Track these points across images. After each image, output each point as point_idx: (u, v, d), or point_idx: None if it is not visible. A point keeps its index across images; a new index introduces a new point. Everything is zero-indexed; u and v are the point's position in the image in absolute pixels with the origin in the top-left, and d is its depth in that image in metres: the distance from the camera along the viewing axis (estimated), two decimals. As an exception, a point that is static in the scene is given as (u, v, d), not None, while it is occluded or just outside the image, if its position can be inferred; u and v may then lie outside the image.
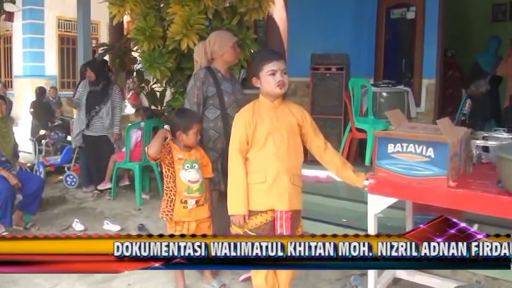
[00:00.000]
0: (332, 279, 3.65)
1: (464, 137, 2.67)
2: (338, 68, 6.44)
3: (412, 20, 7.52)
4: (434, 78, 7.19)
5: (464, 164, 2.69)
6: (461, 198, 2.42)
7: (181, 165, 3.25)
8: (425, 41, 7.29)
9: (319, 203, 4.95)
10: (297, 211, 2.82)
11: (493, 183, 2.46)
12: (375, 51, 7.74)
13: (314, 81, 6.63)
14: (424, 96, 7.29)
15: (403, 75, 7.73)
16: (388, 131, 2.68)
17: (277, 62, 2.71)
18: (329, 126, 6.45)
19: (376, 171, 2.64)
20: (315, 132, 2.87)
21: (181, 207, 3.26)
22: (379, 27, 7.74)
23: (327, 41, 7.07)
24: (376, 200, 2.69)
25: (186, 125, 3.26)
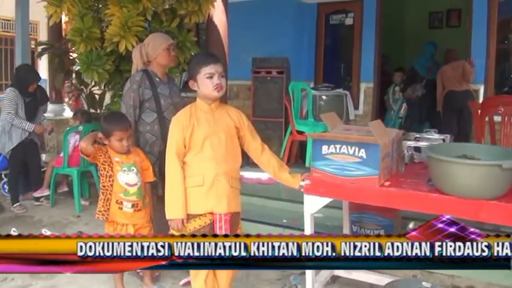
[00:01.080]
0: (272, 279, 3.69)
1: (396, 138, 2.77)
2: (279, 71, 6.53)
3: (351, 25, 7.74)
4: (371, 82, 7.42)
5: (396, 163, 2.79)
6: (393, 196, 2.50)
7: (119, 167, 3.21)
8: (363, 46, 7.52)
9: (260, 205, 5.00)
10: (236, 213, 2.84)
11: (423, 182, 2.56)
12: (315, 56, 7.90)
13: (255, 85, 6.70)
14: (362, 99, 7.51)
15: (342, 79, 7.94)
16: (322, 133, 2.75)
17: (214, 65, 2.72)
18: (270, 129, 6.53)
19: (312, 172, 2.70)
20: (252, 134, 2.90)
21: (116, 207, 3.22)
22: (319, 32, 7.92)
23: (268, 45, 7.16)
24: (311, 200, 2.74)
25: (107, 131, 3.21)
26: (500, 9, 6.93)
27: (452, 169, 2.28)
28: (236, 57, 6.61)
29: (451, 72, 6.61)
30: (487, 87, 6.87)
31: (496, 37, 6.95)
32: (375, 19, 7.45)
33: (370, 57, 7.17)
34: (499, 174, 2.20)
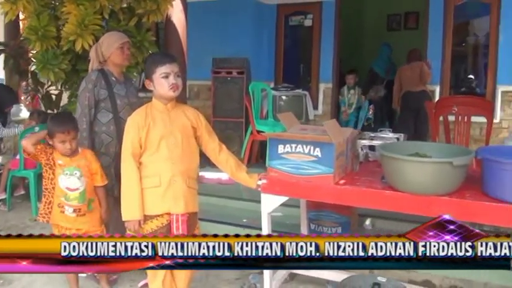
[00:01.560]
0: (231, 278, 3.70)
1: (351, 137, 2.82)
2: (239, 71, 6.54)
3: (310, 27, 7.80)
4: (330, 83, 7.51)
5: (351, 162, 2.84)
6: (347, 194, 2.55)
7: (61, 171, 3.13)
8: (322, 47, 7.60)
9: (221, 205, 5.01)
10: (193, 213, 2.83)
11: (377, 180, 2.61)
12: (274, 56, 7.94)
13: (215, 85, 6.69)
14: (321, 99, 7.59)
15: (302, 80, 8.01)
16: (278, 133, 2.78)
17: (170, 64, 2.71)
18: (231, 129, 6.54)
19: (268, 171, 2.72)
20: (209, 134, 2.90)
21: (58, 211, 3.16)
22: (278, 33, 7.96)
23: (228, 45, 7.15)
24: (268, 199, 2.77)
25: (51, 132, 3.15)
26: (456, 13, 7.13)
27: (404, 167, 2.34)
28: (196, 57, 6.59)
29: (409, 73, 6.73)
30: (442, 88, 7.05)
31: (451, 40, 7.14)
32: (334, 21, 7.54)
33: (329, 58, 7.26)
34: (450, 171, 2.27)
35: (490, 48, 6.99)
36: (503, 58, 6.54)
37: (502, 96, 6.64)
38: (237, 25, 7.37)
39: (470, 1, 7.13)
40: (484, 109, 4.65)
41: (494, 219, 2.35)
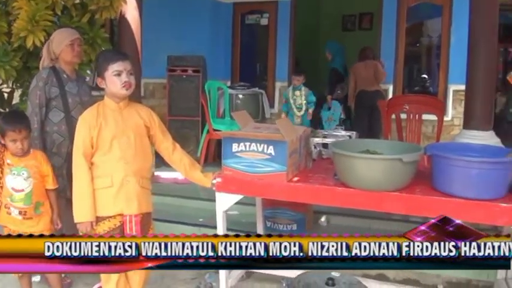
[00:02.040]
0: (187, 278, 3.68)
1: (304, 135, 2.85)
2: (194, 70, 6.48)
3: (266, 26, 7.83)
4: (286, 81, 7.55)
5: (304, 160, 2.87)
6: (300, 191, 2.58)
7: (9, 170, 3.03)
8: (278, 46, 7.64)
9: (177, 205, 4.97)
10: (147, 214, 2.80)
11: (330, 177, 2.66)
12: (231, 55, 7.93)
13: (171, 83, 6.60)
14: (278, 98, 7.63)
15: (258, 78, 8.03)
16: (232, 132, 2.79)
17: (122, 62, 2.67)
18: (187, 128, 6.48)
19: (223, 170, 2.72)
20: (163, 133, 2.87)
21: (5, 212, 3.06)
22: (235, 31, 7.95)
23: (184, 43, 7.07)
24: (223, 197, 2.77)
25: (2, 131, 3.04)
26: (409, 14, 7.30)
27: (355, 164, 2.38)
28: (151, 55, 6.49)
29: (364, 71, 6.77)
30: (396, 87, 7.21)
31: (404, 40, 7.31)
32: (289, 20, 7.59)
33: (285, 57, 7.31)
34: (399, 167, 2.33)
35: (441, 48, 7.20)
36: (454, 58, 6.72)
37: (454, 95, 6.85)
38: (192, 23, 7.31)
39: (423, 3, 7.30)
40: (434, 107, 4.79)
41: (443, 213, 2.38)
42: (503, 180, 2.33)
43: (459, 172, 2.30)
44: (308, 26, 9.47)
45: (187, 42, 7.10)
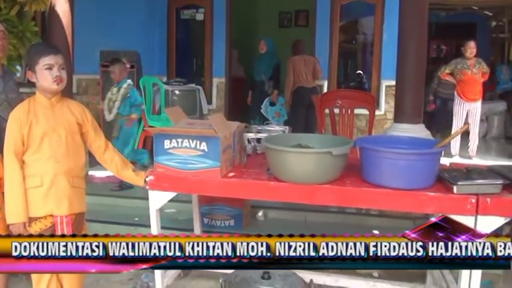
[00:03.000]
0: (124, 279, 3.61)
1: (238, 130, 2.83)
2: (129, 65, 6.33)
3: (202, 21, 7.77)
4: (223, 77, 7.53)
5: (239, 155, 2.85)
6: (234, 186, 2.56)
7: None
8: (214, 42, 7.61)
9: (111, 204, 4.86)
10: (80, 214, 2.70)
11: (264, 171, 2.65)
12: (167, 50, 7.82)
13: (104, 79, 6.42)
14: (215, 94, 7.61)
15: (195, 74, 7.97)
16: (163, 128, 2.74)
17: (54, 56, 2.56)
18: (122, 125, 6.31)
19: (155, 167, 2.66)
20: (95, 131, 2.78)
21: None
22: (170, 26, 7.84)
23: (117, 38, 6.89)
24: (156, 195, 2.71)
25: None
26: (342, 12, 7.45)
27: (287, 158, 2.40)
28: (84, 50, 6.32)
29: (303, 66, 6.76)
30: (330, 83, 7.35)
31: (338, 37, 7.46)
32: (225, 16, 7.58)
33: (221, 53, 7.28)
34: (330, 160, 2.36)
35: (374, 46, 7.41)
36: (386, 55, 6.95)
37: (386, 90, 7.07)
38: (126, 17, 7.14)
39: (356, 1, 7.47)
40: (366, 102, 4.92)
41: (373, 203, 2.52)
42: (430, 171, 2.41)
43: (388, 164, 2.36)
44: (245, 22, 9.48)
45: (121, 37, 6.93)
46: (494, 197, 2.34)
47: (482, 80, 7.05)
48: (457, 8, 10.54)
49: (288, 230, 3.83)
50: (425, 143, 2.63)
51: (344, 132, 4.70)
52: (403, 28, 4.19)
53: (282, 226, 4.02)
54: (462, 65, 6.99)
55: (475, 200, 2.32)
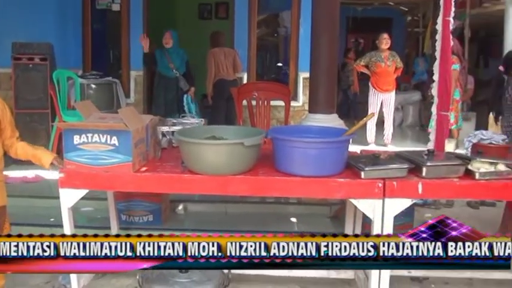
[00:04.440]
0: (41, 283, 3.48)
1: (151, 124, 2.80)
2: (41, 58, 6.03)
3: (118, 12, 7.53)
4: (141, 70, 7.36)
5: (153, 149, 2.82)
6: (148, 181, 2.54)
7: None
8: (131, 34, 7.39)
9: (26, 205, 4.64)
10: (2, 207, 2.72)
11: (178, 164, 2.64)
12: (82, 42, 7.50)
13: (16, 73, 6.08)
14: (133, 87, 7.43)
15: (112, 67, 7.74)
16: (72, 123, 2.67)
17: None
18: (36, 122, 6.04)
19: (65, 164, 2.58)
20: (12, 128, 2.74)
21: None
22: (85, 17, 7.52)
23: (30, 29, 6.51)
24: (67, 193, 2.63)
25: None
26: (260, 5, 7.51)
27: (199, 150, 2.41)
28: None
29: (224, 59, 6.73)
30: (250, 76, 7.40)
31: (256, 30, 7.51)
32: (142, 6, 7.40)
33: (139, 45, 7.05)
34: (242, 151, 2.40)
35: (291, 38, 7.54)
36: (303, 48, 7.05)
37: (303, 82, 7.20)
38: (38, 7, 6.74)
39: (273, -6, 7.57)
40: (281, 94, 5.02)
41: (285, 192, 2.59)
42: (339, 158, 2.51)
43: (298, 153, 2.44)
44: (163, 14, 9.31)
45: (34, 27, 6.56)
46: (400, 180, 2.49)
47: (395, 74, 7.40)
48: (374, 3, 10.97)
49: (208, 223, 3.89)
50: (335, 132, 2.74)
51: (261, 123, 4.77)
52: (316, 22, 4.30)
53: (202, 219, 4.02)
54: (376, 58, 7.29)
55: (382, 184, 2.46)
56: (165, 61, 6.44)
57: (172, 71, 6.43)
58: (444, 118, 4.51)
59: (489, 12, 8.83)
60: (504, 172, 2.57)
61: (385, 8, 11.43)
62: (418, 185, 2.48)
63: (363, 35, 13.18)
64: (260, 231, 3.15)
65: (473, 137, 3.23)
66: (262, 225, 3.78)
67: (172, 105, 6.40)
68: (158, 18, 8.30)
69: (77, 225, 2.85)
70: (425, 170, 2.50)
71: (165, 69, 6.46)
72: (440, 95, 4.48)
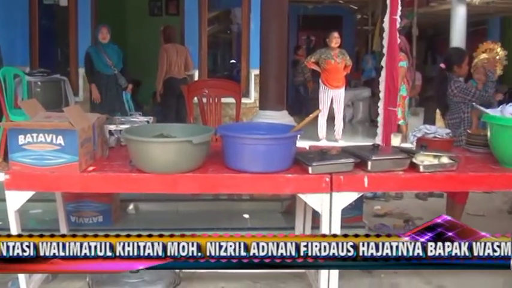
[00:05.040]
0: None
1: (98, 123, 2.75)
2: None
3: (66, 7, 7.35)
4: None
5: (101, 148, 2.78)
6: (95, 181, 2.51)
7: None
8: (79, 30, 7.26)
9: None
10: None
11: (127, 163, 2.62)
12: (29, 38, 7.29)
13: (-42, 72, 5.85)
14: (82, 85, 7.29)
15: (60, 64, 7.55)
16: (16, 122, 2.60)
17: None
18: (-20, 122, 5.83)
19: (11, 165, 2.52)
20: None
21: None
22: (32, 12, 7.30)
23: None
24: (13, 195, 2.55)
25: None
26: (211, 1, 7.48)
27: (147, 148, 2.40)
28: None
29: (176, 57, 6.65)
30: (201, 73, 7.38)
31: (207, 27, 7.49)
32: (91, 2, 7.25)
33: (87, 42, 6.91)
34: (190, 149, 2.40)
35: (242, 36, 7.56)
36: (254, 45, 7.09)
37: (255, 79, 7.26)
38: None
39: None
40: (232, 91, 5.03)
41: (234, 188, 2.61)
42: (287, 154, 2.56)
43: (247, 149, 2.46)
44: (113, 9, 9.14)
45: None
46: (346, 174, 2.55)
47: (345, 72, 7.55)
48: (324, 1, 11.13)
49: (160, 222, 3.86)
50: (283, 128, 2.76)
51: (212, 121, 4.76)
52: (265, 19, 4.34)
53: (153, 218, 3.99)
54: (326, 55, 7.42)
55: (329, 178, 2.51)
56: (103, 58, 6.20)
57: (110, 68, 6.20)
58: (392, 113, 4.63)
59: (436, 11, 9.07)
60: (447, 164, 2.68)
61: (335, 6, 11.62)
62: (364, 178, 2.55)
63: (314, 33, 13.33)
64: (213, 228, 3.21)
65: (418, 131, 3.35)
66: (215, 223, 3.78)
67: (114, 104, 6.21)
68: (107, 14, 8.14)
69: (25, 228, 2.77)
70: (371, 164, 2.57)
71: (103, 66, 6.22)
72: (388, 91, 4.59)
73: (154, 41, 7.65)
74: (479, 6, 7.99)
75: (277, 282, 3.29)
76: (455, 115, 4.15)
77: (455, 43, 7.38)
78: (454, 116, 4.16)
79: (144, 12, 10.07)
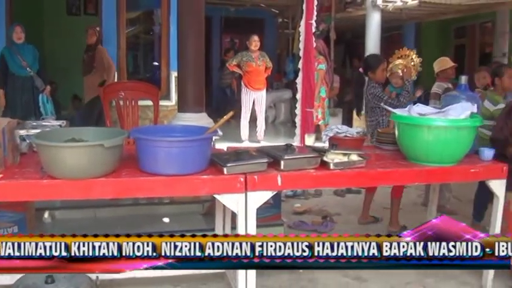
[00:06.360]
0: None
1: (8, 128, 2.64)
2: None
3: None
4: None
5: (11, 154, 2.67)
6: (5, 189, 2.40)
7: None
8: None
9: None
10: None
11: (38, 170, 2.53)
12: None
13: None
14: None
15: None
16: None
17: None
18: None
19: None
20: None
21: None
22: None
23: None
24: None
25: None
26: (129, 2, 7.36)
27: (58, 153, 2.34)
28: None
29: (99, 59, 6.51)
30: (119, 75, 7.24)
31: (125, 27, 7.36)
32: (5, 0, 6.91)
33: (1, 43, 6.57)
34: (103, 153, 2.37)
35: (162, 37, 7.50)
36: (174, 47, 7.04)
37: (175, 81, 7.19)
38: None
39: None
40: (149, 93, 5.01)
41: (150, 192, 2.60)
42: (202, 155, 2.59)
43: (161, 152, 2.47)
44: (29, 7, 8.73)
45: None
46: (260, 174, 2.63)
47: (266, 74, 7.69)
48: (246, 4, 11.25)
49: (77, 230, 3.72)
50: (198, 130, 2.79)
51: (129, 124, 4.70)
52: (182, 22, 4.34)
53: (71, 226, 3.86)
54: (247, 58, 7.53)
55: (244, 178, 2.57)
56: (17, 60, 5.91)
57: (25, 69, 5.92)
58: (308, 114, 4.79)
59: (353, 16, 9.39)
60: (357, 162, 2.82)
61: (257, 9, 11.78)
62: (277, 177, 2.63)
63: (238, 35, 13.45)
64: (132, 234, 3.16)
65: (329, 131, 3.48)
66: (135, 228, 3.73)
67: (29, 107, 5.94)
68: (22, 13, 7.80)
69: None
70: (283, 163, 2.66)
71: (17, 68, 5.93)
72: (304, 92, 4.75)
73: (73, 41, 7.42)
74: (393, 12, 8.34)
75: (198, 284, 3.31)
76: (372, 118, 4.36)
77: (370, 47, 7.70)
78: (372, 118, 4.38)
79: (62, 12, 9.70)
